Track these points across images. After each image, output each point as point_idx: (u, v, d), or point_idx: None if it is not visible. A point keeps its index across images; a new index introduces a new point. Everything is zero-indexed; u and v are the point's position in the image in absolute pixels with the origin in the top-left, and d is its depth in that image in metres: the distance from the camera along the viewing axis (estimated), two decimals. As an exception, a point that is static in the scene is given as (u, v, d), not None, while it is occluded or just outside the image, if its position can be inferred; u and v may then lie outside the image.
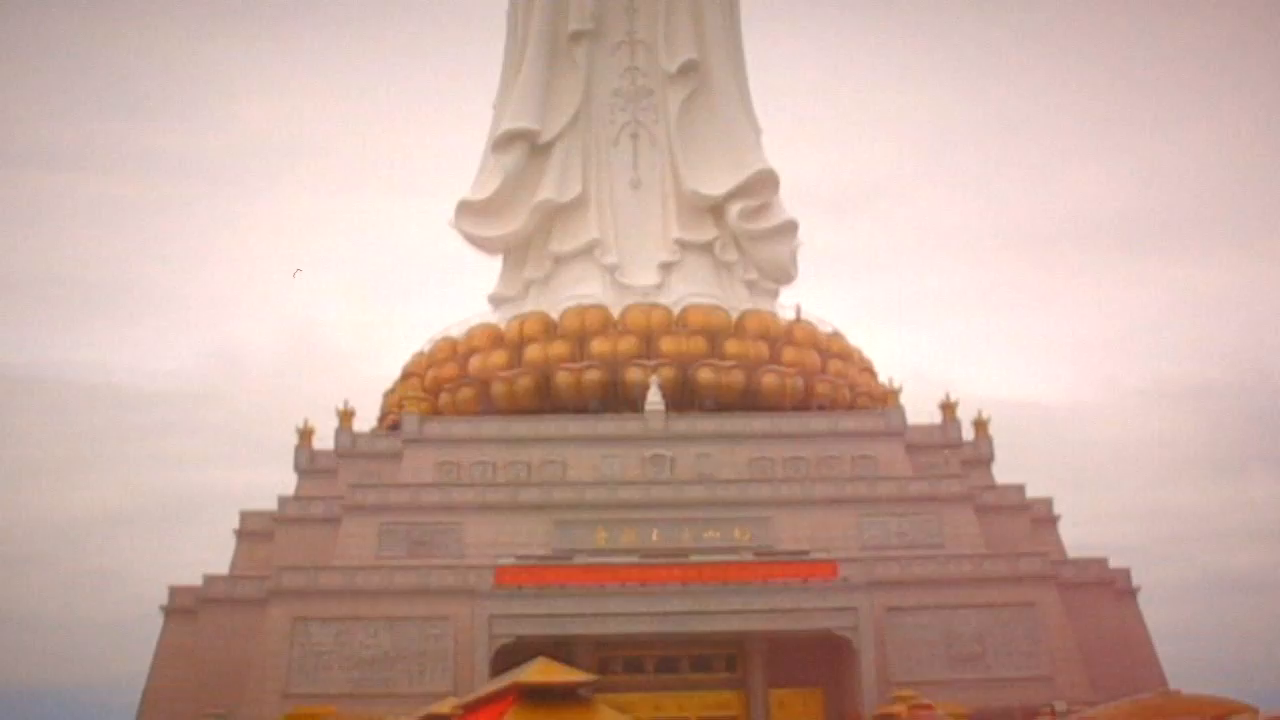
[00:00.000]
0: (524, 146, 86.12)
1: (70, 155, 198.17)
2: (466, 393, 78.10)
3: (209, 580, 67.51)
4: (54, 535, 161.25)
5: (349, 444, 75.44)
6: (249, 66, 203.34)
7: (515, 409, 76.28)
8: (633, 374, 75.72)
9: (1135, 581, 70.32)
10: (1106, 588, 68.37)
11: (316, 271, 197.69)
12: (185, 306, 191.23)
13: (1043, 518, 73.54)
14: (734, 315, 79.69)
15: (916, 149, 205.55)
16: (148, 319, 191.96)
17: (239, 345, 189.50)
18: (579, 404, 76.03)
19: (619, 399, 75.90)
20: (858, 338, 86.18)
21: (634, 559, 62.75)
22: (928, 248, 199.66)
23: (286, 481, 76.44)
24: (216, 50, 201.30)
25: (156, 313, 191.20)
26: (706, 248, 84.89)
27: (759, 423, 73.15)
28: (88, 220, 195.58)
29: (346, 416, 76.57)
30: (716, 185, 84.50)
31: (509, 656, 57.07)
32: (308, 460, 76.76)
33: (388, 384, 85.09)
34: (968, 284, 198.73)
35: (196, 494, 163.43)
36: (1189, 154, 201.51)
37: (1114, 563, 69.73)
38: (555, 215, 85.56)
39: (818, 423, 73.59)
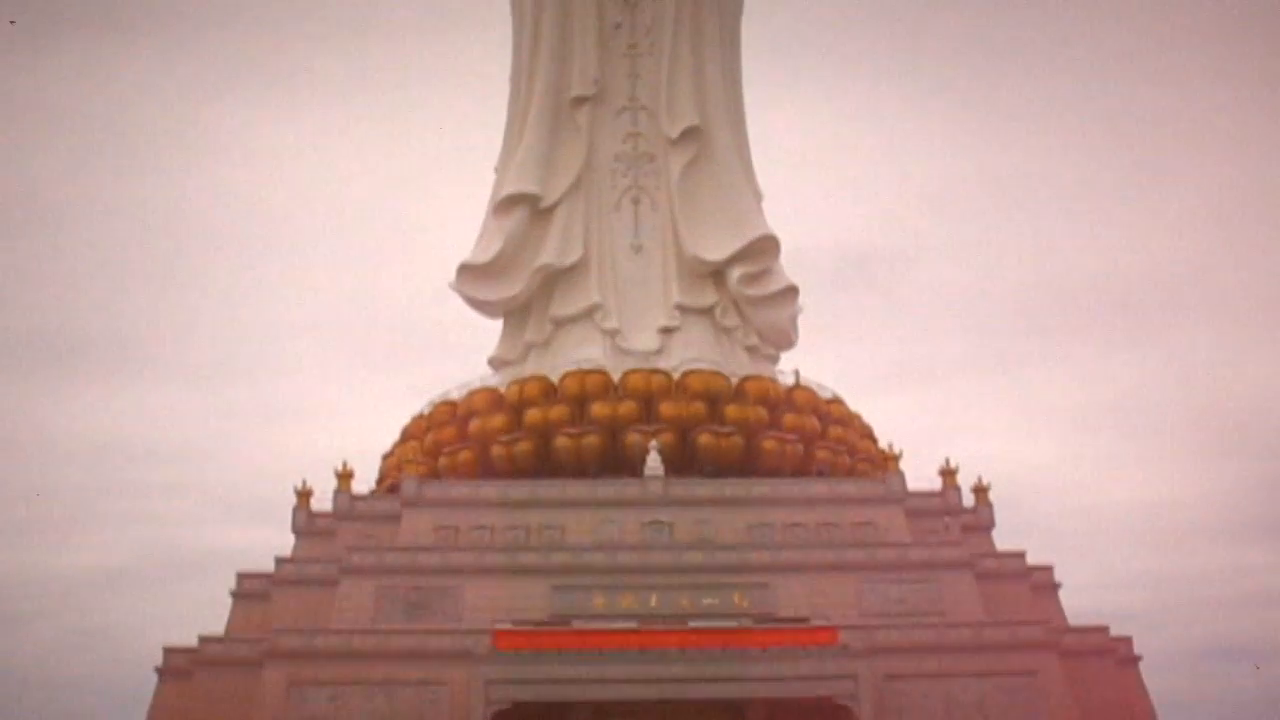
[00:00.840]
0: (525, 210, 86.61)
1: (73, 215, 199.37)
2: (466, 455, 77.98)
3: (204, 641, 67.11)
4: (49, 593, 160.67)
5: (347, 506, 75.26)
6: (254, 131, 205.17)
7: (514, 472, 76.13)
8: (632, 438, 75.68)
9: (1137, 650, 69.98)
10: (1108, 656, 67.92)
11: (316, 333, 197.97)
12: (185, 366, 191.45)
13: (1043, 585, 73.21)
14: (734, 380, 79.77)
15: (916, 215, 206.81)
16: (147, 378, 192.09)
17: (238, 406, 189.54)
18: (578, 468, 75.90)
19: (618, 463, 75.76)
20: (858, 403, 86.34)
21: (632, 624, 62.37)
22: (928, 313, 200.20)
23: (284, 542, 76.26)
24: (225, 115, 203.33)
25: (156, 372, 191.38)
26: (707, 312, 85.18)
27: (759, 488, 72.95)
28: (90, 278, 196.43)
29: (345, 478, 76.41)
30: (717, 250, 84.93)
31: (506, 722, 56.66)
32: (305, 521, 76.56)
33: (386, 446, 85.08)
34: (968, 350, 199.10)
35: (193, 554, 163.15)
36: (1186, 220, 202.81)
37: (1115, 630, 69.35)
38: (556, 279, 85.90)
39: (818, 488, 73.41)
